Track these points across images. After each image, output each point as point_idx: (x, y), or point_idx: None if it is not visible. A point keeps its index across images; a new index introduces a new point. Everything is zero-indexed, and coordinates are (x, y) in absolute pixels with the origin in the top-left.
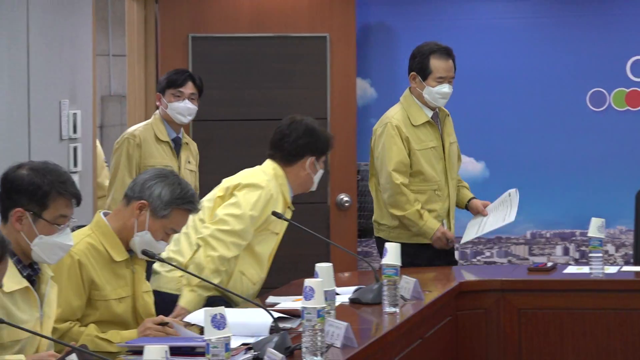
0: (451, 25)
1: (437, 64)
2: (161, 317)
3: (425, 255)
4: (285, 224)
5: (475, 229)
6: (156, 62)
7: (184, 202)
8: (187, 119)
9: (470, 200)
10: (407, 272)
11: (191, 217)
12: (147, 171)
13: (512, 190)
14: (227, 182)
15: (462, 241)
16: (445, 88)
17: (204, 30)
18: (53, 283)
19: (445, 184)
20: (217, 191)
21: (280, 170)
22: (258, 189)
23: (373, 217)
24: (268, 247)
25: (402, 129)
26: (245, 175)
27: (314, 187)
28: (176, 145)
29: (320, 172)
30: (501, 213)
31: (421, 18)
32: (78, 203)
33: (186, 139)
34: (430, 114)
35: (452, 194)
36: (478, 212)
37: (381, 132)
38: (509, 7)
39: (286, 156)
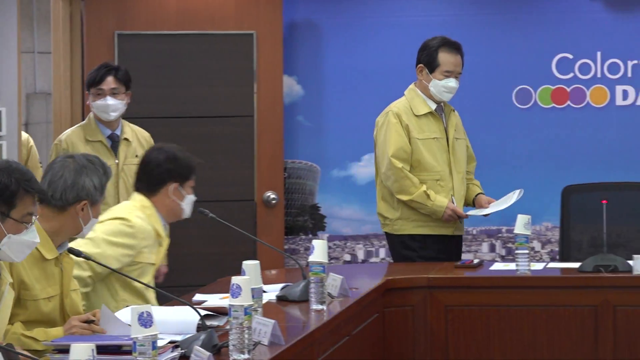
0: (377, 23)
1: (445, 58)
2: (87, 315)
3: (434, 247)
4: (162, 253)
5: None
6: (82, 59)
7: (109, 177)
8: (111, 116)
9: (477, 195)
10: (337, 270)
11: None
12: (57, 175)
13: (517, 190)
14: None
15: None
16: (452, 82)
17: (130, 28)
18: (10, 289)
19: (449, 175)
20: None
21: (147, 201)
22: (118, 220)
23: (377, 211)
24: (147, 279)
25: (402, 117)
26: (112, 210)
27: (186, 214)
28: (113, 143)
29: (190, 198)
30: (500, 206)
31: (348, 15)
32: (40, 200)
33: (127, 134)
34: (434, 106)
35: (458, 188)
36: (481, 207)
37: (382, 122)
38: (434, 5)
39: (149, 186)
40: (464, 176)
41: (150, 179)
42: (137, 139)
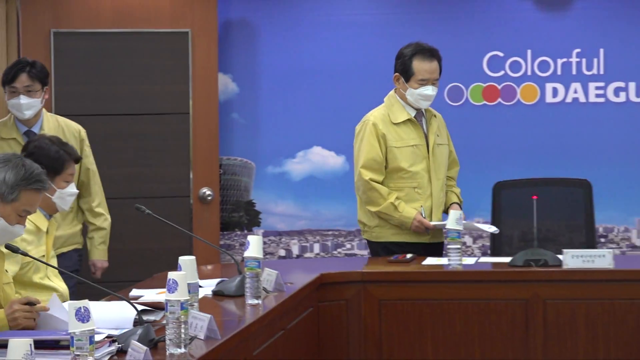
0: (312, 22)
1: (419, 66)
2: (27, 297)
3: (415, 253)
4: (50, 241)
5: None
6: (18, 56)
7: (31, 182)
8: (26, 115)
9: (452, 204)
10: (272, 265)
11: None
12: None
13: (493, 228)
14: None
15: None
16: (428, 90)
17: (66, 26)
18: None
19: (428, 182)
20: None
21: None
22: None
23: (357, 218)
24: (42, 273)
25: (379, 127)
26: None
27: (61, 208)
28: (27, 139)
29: (63, 192)
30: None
31: (283, 14)
32: None
33: (47, 130)
34: (413, 113)
35: (437, 194)
36: None
37: (359, 131)
38: (368, 4)
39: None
40: (444, 182)
41: None
42: (63, 135)
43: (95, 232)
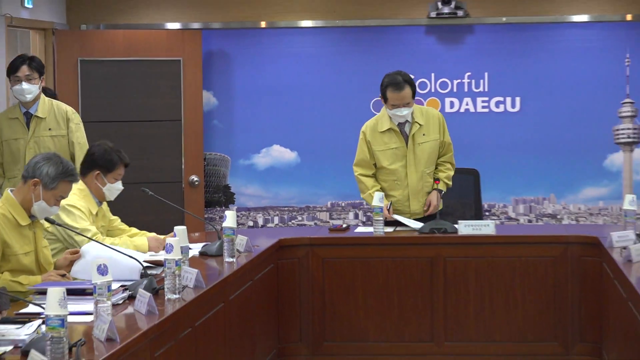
0: (271, 52)
1: (390, 95)
2: (63, 271)
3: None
4: (98, 222)
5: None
6: (54, 79)
7: (66, 175)
8: (27, 98)
9: (431, 191)
10: (243, 232)
11: None
12: (36, 156)
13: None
14: None
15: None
16: (399, 112)
17: (89, 55)
18: None
19: (405, 176)
20: None
21: (83, 185)
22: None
23: None
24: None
25: (367, 134)
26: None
27: (109, 197)
28: (27, 119)
29: (112, 186)
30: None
31: (250, 47)
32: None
33: (41, 112)
34: (396, 122)
35: (413, 185)
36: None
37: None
38: (312, 39)
39: (82, 169)
40: (424, 172)
41: (83, 164)
42: (54, 115)
43: None
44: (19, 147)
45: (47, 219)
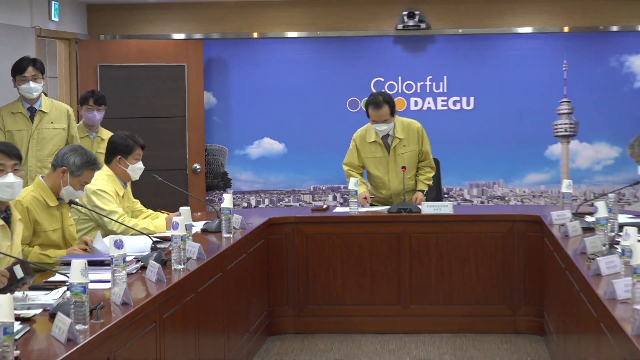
0: (261, 58)
1: (370, 113)
2: (83, 246)
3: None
4: (124, 202)
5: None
6: (77, 82)
7: (90, 164)
8: (34, 95)
9: (416, 191)
10: (238, 212)
11: None
12: (64, 147)
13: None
14: None
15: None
16: (378, 127)
17: (107, 61)
18: (20, 223)
19: (387, 180)
20: None
21: (108, 169)
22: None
23: None
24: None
25: (357, 142)
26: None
27: (133, 178)
28: (31, 113)
29: (134, 166)
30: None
31: (244, 53)
32: (18, 158)
33: (44, 107)
34: (381, 135)
35: (395, 187)
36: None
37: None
38: (298, 47)
39: (106, 157)
40: (403, 177)
41: (106, 154)
42: (56, 110)
43: None
44: (22, 137)
45: (70, 201)
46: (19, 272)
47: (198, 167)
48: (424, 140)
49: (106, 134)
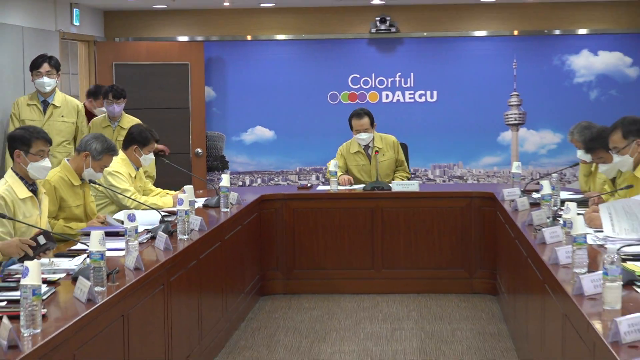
0: (255, 58)
1: (353, 123)
2: (101, 219)
3: None
4: (136, 183)
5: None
6: (95, 78)
7: (110, 150)
8: (47, 89)
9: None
10: (235, 190)
11: None
12: (87, 135)
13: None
14: None
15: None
16: (360, 136)
17: (121, 60)
18: (45, 196)
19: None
20: None
21: (124, 154)
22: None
23: None
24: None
25: (343, 152)
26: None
27: (144, 165)
28: (44, 106)
29: (146, 156)
30: None
31: (239, 53)
32: (51, 144)
33: (57, 101)
34: (363, 144)
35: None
36: None
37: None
38: (286, 49)
39: (123, 145)
40: (376, 161)
41: (124, 140)
42: (67, 105)
43: None
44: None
45: (90, 181)
46: (42, 240)
47: (200, 151)
48: (399, 150)
49: (127, 123)
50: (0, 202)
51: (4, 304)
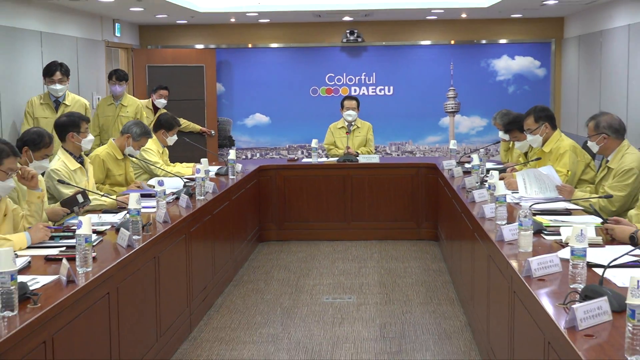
0: (256, 61)
1: (345, 103)
2: (140, 183)
3: None
4: (160, 159)
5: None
6: (132, 79)
7: (146, 134)
8: (59, 94)
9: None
10: (240, 162)
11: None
12: (130, 121)
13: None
14: None
15: None
16: (348, 112)
17: (153, 63)
18: (90, 165)
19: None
20: None
21: (155, 137)
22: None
23: None
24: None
25: (331, 128)
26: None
27: (169, 144)
28: (56, 105)
29: (171, 138)
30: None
31: (242, 58)
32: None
33: (67, 101)
34: (350, 118)
35: (352, 156)
36: None
37: None
38: (279, 54)
39: (153, 128)
40: (347, 139)
41: (154, 125)
42: (76, 104)
43: None
44: (47, 124)
45: (130, 156)
46: (80, 198)
47: (213, 132)
48: (370, 132)
49: (127, 101)
50: (59, 172)
51: (64, 248)
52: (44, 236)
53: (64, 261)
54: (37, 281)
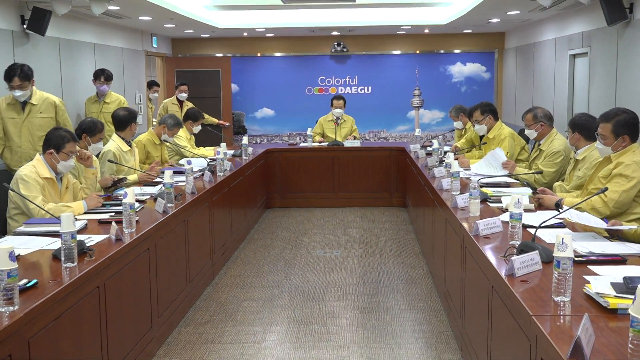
0: (263, 67)
1: (334, 102)
2: (172, 162)
3: None
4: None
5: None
6: (165, 79)
7: (178, 125)
8: (20, 98)
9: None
10: (252, 146)
11: None
12: (166, 115)
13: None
14: None
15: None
16: (337, 109)
17: (180, 67)
18: (137, 149)
19: (334, 138)
20: None
21: (185, 127)
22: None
23: None
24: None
25: (321, 121)
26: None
27: (195, 132)
28: (22, 105)
29: (196, 128)
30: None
31: (252, 64)
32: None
33: (34, 100)
34: (337, 115)
35: (340, 145)
36: None
37: None
38: (282, 61)
39: (183, 118)
40: (335, 130)
41: (183, 117)
42: (44, 102)
43: None
44: (15, 124)
45: (165, 141)
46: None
47: (227, 124)
48: (353, 124)
49: (109, 98)
50: (113, 153)
51: (113, 213)
52: (97, 204)
53: (113, 223)
54: (92, 239)
